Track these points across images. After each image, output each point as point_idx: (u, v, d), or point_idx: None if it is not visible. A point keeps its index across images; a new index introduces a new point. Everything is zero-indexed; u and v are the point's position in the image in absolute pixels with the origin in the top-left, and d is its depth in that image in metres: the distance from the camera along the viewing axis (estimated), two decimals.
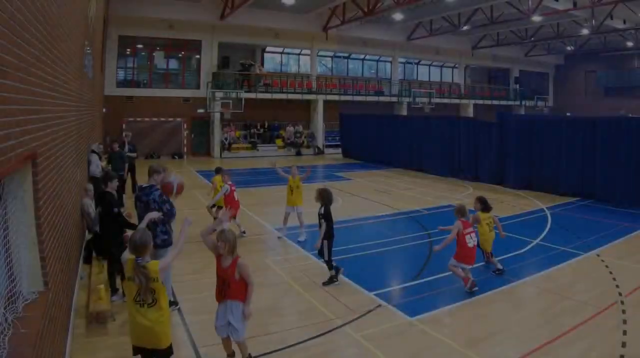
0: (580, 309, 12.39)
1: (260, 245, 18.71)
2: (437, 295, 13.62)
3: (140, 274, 7.80)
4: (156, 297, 7.94)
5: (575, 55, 79.19)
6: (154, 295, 7.92)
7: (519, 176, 32.09)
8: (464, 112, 70.21)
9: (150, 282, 7.82)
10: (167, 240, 12.04)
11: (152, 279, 7.83)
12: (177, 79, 53.83)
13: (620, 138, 26.52)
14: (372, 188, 31.96)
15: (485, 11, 51.33)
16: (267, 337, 10.81)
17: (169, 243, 11.98)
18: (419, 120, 43.28)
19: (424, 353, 10.30)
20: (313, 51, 60.71)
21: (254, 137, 55.99)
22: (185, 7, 47.42)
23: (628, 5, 45.39)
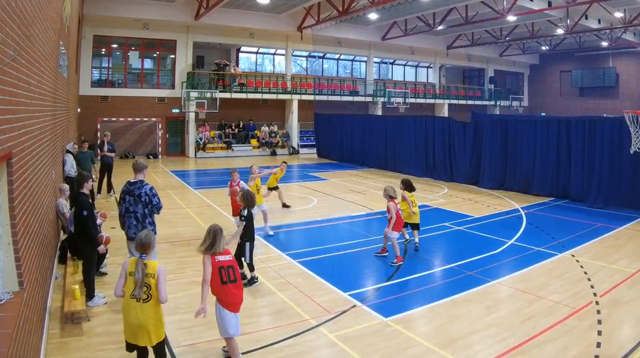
0: (555, 309, 12.46)
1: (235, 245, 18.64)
2: (411, 295, 13.65)
3: (140, 269, 8.50)
4: (151, 293, 8.54)
5: (550, 55, 79.76)
6: (149, 290, 8.54)
7: (493, 176, 32.29)
8: (439, 112, 70.53)
9: (146, 277, 8.50)
10: (154, 230, 12.94)
11: (148, 275, 8.54)
12: (152, 78, 53.72)
13: (595, 138, 26.65)
14: (347, 188, 32.00)
15: (460, 11, 51.42)
16: (242, 338, 10.68)
17: (154, 233, 12.46)
18: (393, 120, 43.12)
19: (398, 353, 10.30)
20: (288, 51, 60.83)
21: (229, 137, 55.84)
22: (160, 7, 47.36)
23: (603, 5, 45.58)
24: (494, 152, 32.21)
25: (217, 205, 25.77)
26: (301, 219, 22.88)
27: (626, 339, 10.84)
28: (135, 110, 50.36)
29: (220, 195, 28.30)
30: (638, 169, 24.80)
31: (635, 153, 17.32)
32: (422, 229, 19.87)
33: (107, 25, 47.41)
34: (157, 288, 8.57)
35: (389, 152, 42.27)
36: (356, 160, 46.84)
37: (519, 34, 62.97)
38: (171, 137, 53.36)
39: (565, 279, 14.78)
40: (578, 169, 27.58)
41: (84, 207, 12.62)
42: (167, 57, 53.60)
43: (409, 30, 59.41)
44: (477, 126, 33.97)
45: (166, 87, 53.06)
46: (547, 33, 61.54)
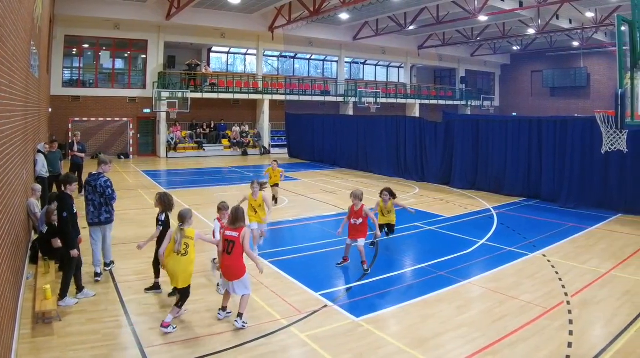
0: (527, 309, 12.51)
1: (207, 245, 18.35)
2: (383, 295, 13.63)
3: (179, 233, 11.50)
4: (188, 250, 11.53)
5: (522, 55, 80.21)
6: (187, 248, 11.54)
7: (465, 176, 32.41)
8: (410, 112, 70.73)
9: (185, 238, 11.52)
10: (110, 218, 14.86)
11: (187, 237, 11.58)
12: (123, 78, 53.38)
13: (566, 138, 26.79)
14: (318, 188, 32.02)
15: (432, 11, 51.43)
16: (213, 337, 10.79)
17: (111, 220, 14.92)
18: (365, 120, 43.19)
19: (370, 353, 10.30)
20: (259, 51, 60.93)
21: (200, 137, 55.76)
22: (131, 7, 47.14)
23: (574, 5, 46.09)
24: (465, 152, 32.35)
25: (188, 205, 25.26)
26: (273, 219, 22.59)
27: (597, 339, 10.91)
28: (106, 110, 50.13)
29: (192, 195, 28.79)
30: (609, 169, 25.00)
31: (606, 153, 17.44)
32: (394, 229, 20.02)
33: (78, 25, 47.14)
34: (194, 246, 11.68)
35: (360, 152, 42.33)
36: (327, 160, 46.90)
37: (490, 34, 63.23)
38: (142, 137, 53.21)
39: (537, 279, 14.85)
40: (549, 169, 27.73)
41: (65, 208, 12.80)
42: (139, 57, 53.46)
43: (380, 30, 59.52)
44: (448, 126, 34.09)
45: (137, 87, 52.87)
46: (519, 33, 61.99)
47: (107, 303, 12.69)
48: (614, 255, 17.24)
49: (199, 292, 13.43)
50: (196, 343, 10.47)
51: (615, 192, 24.94)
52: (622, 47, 10.21)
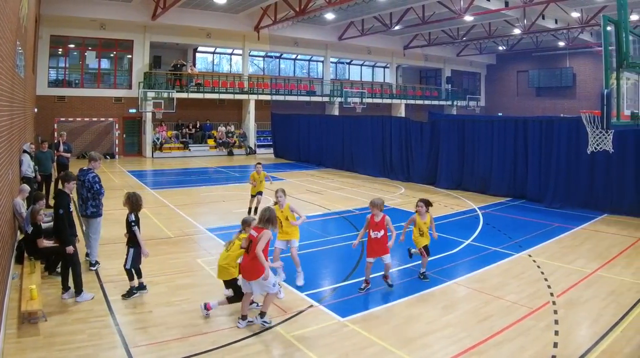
0: (512, 309, 12.55)
1: (192, 244, 18.60)
2: (368, 295, 13.64)
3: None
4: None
5: (507, 55, 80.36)
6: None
7: (450, 176, 32.43)
8: (395, 112, 70.82)
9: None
10: (96, 212, 15.40)
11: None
12: (109, 78, 53.32)
13: (552, 138, 26.87)
14: (304, 188, 32.02)
15: (417, 11, 51.54)
16: (198, 338, 10.78)
17: (97, 214, 15.41)
18: (350, 120, 43.22)
19: (355, 353, 10.31)
20: (245, 51, 60.93)
21: (186, 137, 55.69)
22: (116, 6, 47.06)
23: (559, 5, 46.24)
24: (451, 152, 32.37)
25: (173, 205, 25.65)
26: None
27: (583, 339, 10.95)
28: (92, 110, 50.07)
29: (178, 195, 28.80)
30: (595, 169, 25.12)
31: (592, 153, 17.45)
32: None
33: (64, 25, 47.07)
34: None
35: (345, 152, 42.37)
36: (313, 160, 46.92)
37: (476, 34, 63.45)
38: (128, 137, 53.25)
39: (522, 279, 14.90)
40: (535, 169, 27.80)
41: (60, 205, 12.96)
42: (124, 57, 53.32)
43: (366, 30, 59.55)
44: (434, 126, 34.13)
45: (123, 87, 52.80)
46: (504, 33, 62.18)
47: (92, 303, 12.65)
48: (599, 255, 17.30)
49: (184, 292, 13.48)
50: (182, 343, 10.46)
51: (601, 192, 25.02)
52: (607, 47, 10.24)
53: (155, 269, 15.17)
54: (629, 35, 10.40)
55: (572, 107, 68.17)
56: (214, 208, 25.49)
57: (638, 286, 14.08)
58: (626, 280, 14.77)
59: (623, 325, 11.47)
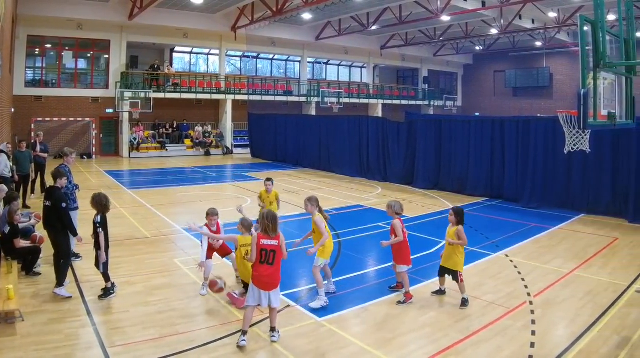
0: (490, 309, 12.60)
1: (169, 244, 18.61)
2: (345, 295, 13.65)
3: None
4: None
5: (484, 55, 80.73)
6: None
7: (427, 176, 32.48)
8: (372, 112, 70.97)
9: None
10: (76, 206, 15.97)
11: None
12: (86, 78, 53.19)
13: (528, 138, 26.97)
14: (280, 188, 31.24)
15: (394, 11, 51.75)
16: (176, 337, 10.76)
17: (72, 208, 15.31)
18: (327, 120, 43.31)
19: (332, 353, 10.32)
20: (222, 51, 60.91)
21: (163, 137, 55.74)
22: (93, 7, 46.87)
23: (536, 5, 46.50)
24: (427, 152, 32.43)
25: (150, 206, 25.64)
26: (235, 219, 22.58)
27: (560, 339, 10.98)
28: (69, 110, 49.92)
29: (155, 195, 28.82)
30: (572, 169, 25.26)
31: (569, 153, 17.49)
32: (357, 229, 20.56)
33: (41, 25, 46.88)
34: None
35: (322, 152, 42.44)
36: (290, 160, 46.96)
37: (453, 34, 63.77)
38: (105, 137, 53.01)
39: (499, 279, 14.99)
40: (512, 169, 27.91)
41: (61, 200, 13.34)
42: (101, 57, 53.17)
43: (343, 30, 59.75)
44: (411, 126, 34.21)
45: (100, 87, 52.60)
46: (481, 33, 62.62)
47: (69, 303, 12.60)
48: (576, 255, 17.42)
49: (161, 292, 13.48)
50: (159, 343, 10.44)
51: (578, 192, 25.14)
52: (584, 47, 10.27)
53: (132, 269, 15.18)
54: (605, 35, 10.44)
55: (549, 107, 68.73)
56: (190, 209, 25.44)
57: (615, 286, 14.18)
58: (603, 280, 14.86)
59: (600, 325, 11.55)
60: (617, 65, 11.27)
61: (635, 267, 16.28)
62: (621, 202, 23.81)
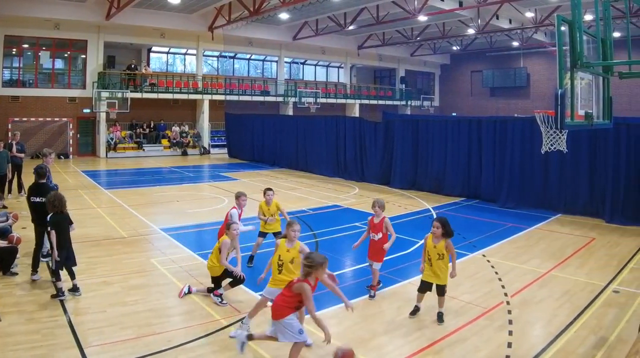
0: (466, 309, 12.64)
1: (146, 245, 18.52)
2: (322, 295, 13.16)
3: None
4: None
5: (461, 55, 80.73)
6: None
7: (404, 176, 32.47)
8: (350, 112, 71.18)
9: None
10: None
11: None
12: (63, 78, 52.86)
13: (505, 138, 27.06)
14: (258, 188, 31.43)
15: (371, 11, 51.77)
16: (152, 338, 10.74)
17: None
18: (304, 120, 43.39)
19: (309, 353, 10.42)
20: (199, 51, 60.74)
21: (140, 137, 55.53)
22: (70, 6, 46.54)
23: (514, 5, 46.62)
24: (405, 152, 32.47)
25: (128, 206, 25.51)
26: (212, 219, 22.79)
27: (537, 339, 11.05)
28: (46, 110, 49.65)
29: (132, 195, 28.71)
30: (549, 169, 25.35)
31: (546, 153, 17.51)
32: (334, 229, 20.69)
33: (18, 25, 46.54)
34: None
35: (299, 152, 42.45)
36: (267, 160, 47.02)
37: (430, 34, 63.80)
38: (82, 137, 52.78)
39: (476, 279, 15.03)
40: (489, 169, 28.00)
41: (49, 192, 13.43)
42: (78, 57, 52.88)
43: (320, 30, 59.73)
44: (388, 126, 34.18)
45: (77, 87, 52.30)
46: (458, 33, 62.58)
47: (46, 303, 12.56)
48: (553, 255, 17.50)
49: (138, 292, 13.46)
50: (136, 343, 10.41)
51: (555, 192, 25.24)
52: (561, 47, 10.27)
53: (109, 269, 15.12)
54: (582, 35, 10.47)
55: (526, 107, 68.76)
56: (167, 209, 25.45)
57: (592, 286, 14.28)
58: (580, 280, 14.96)
59: (577, 325, 11.63)
60: (594, 65, 11.32)
61: (612, 267, 16.43)
62: (598, 202, 23.97)
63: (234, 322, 11.72)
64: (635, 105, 57.44)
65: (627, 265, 16.64)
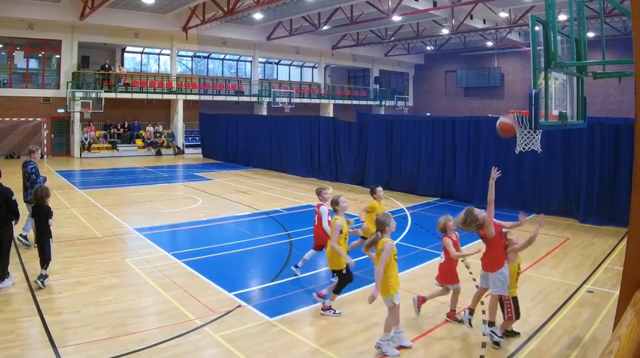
0: (441, 309, 12.59)
1: (121, 244, 18.39)
2: (297, 295, 13.67)
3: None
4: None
5: (435, 55, 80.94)
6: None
7: (378, 176, 32.21)
8: (324, 112, 71.18)
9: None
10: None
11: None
12: (37, 78, 52.58)
13: (480, 138, 27.15)
14: (232, 188, 31.97)
15: (345, 11, 51.88)
16: (126, 338, 10.66)
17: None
18: (278, 120, 43.40)
19: (283, 353, 10.32)
20: (173, 51, 60.65)
21: (114, 137, 55.32)
22: (44, 7, 46.28)
23: (488, 5, 46.77)
24: (379, 152, 32.51)
25: (102, 205, 25.38)
26: (186, 219, 22.85)
27: (511, 339, 11.05)
28: (20, 110, 49.32)
29: (106, 195, 28.61)
30: (523, 169, 25.43)
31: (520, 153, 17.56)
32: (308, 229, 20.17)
33: None
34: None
35: (274, 152, 42.49)
36: (241, 160, 47.02)
37: (404, 34, 64.04)
38: (56, 137, 52.50)
39: None
40: (463, 169, 28.06)
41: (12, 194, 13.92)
42: (52, 57, 52.64)
43: (294, 31, 59.83)
44: (362, 126, 34.30)
45: (51, 87, 52.02)
46: (432, 33, 62.93)
47: (21, 302, 12.50)
48: (527, 255, 17.10)
49: (113, 292, 13.38)
50: (111, 342, 10.34)
51: (529, 192, 25.30)
52: (536, 47, 10.33)
53: (83, 269, 15.04)
54: (557, 35, 10.52)
55: (500, 107, 68.91)
56: (142, 209, 25.37)
57: (566, 286, 14.37)
58: (554, 280, 15.07)
59: (551, 325, 11.71)
60: (568, 65, 11.39)
61: (586, 267, 16.56)
62: (572, 202, 24.15)
63: (209, 322, 11.68)
64: (609, 105, 58.01)
65: (601, 265, 16.76)
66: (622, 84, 57.99)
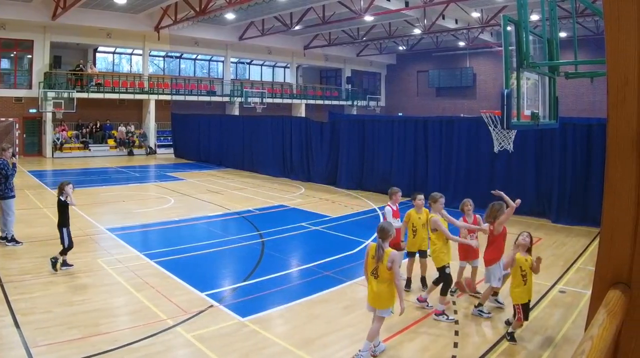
0: (413, 309, 12.66)
1: (92, 245, 18.36)
2: (269, 295, 13.65)
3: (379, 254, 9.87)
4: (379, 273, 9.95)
5: (407, 55, 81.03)
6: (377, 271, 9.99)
7: (351, 176, 32.60)
8: (296, 112, 71.52)
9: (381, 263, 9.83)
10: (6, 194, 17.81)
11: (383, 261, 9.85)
12: (9, 78, 52.24)
13: (452, 138, 27.26)
14: (204, 188, 31.99)
15: (317, 11, 51.89)
16: (98, 338, 10.60)
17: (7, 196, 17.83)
18: (250, 120, 43.41)
19: (255, 353, 10.31)
20: (145, 51, 60.62)
21: (86, 137, 55.17)
22: (16, 6, 45.96)
23: (460, 5, 46.97)
24: (351, 152, 32.63)
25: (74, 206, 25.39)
26: (158, 219, 22.85)
27: (483, 339, 11.20)
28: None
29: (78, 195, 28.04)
30: (495, 169, 25.52)
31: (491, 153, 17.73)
32: (280, 229, 20.64)
33: None
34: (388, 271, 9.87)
35: (246, 152, 42.53)
36: (213, 160, 47.07)
37: (376, 34, 64.16)
38: (28, 137, 52.26)
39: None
40: (435, 168, 28.12)
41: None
42: (24, 57, 52.33)
43: (266, 31, 59.75)
44: (334, 126, 34.44)
45: (23, 87, 51.76)
46: (404, 33, 63.04)
47: None
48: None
49: (85, 292, 13.38)
50: (83, 342, 10.30)
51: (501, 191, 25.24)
52: (508, 47, 10.38)
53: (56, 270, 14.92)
54: (529, 35, 10.57)
55: (472, 107, 69.17)
56: (114, 209, 25.34)
57: (538, 286, 14.26)
58: None
59: (523, 325, 11.60)
60: (541, 65, 11.45)
61: (558, 267, 16.75)
62: (544, 202, 24.33)
63: (181, 322, 11.68)
64: (581, 105, 58.20)
65: (573, 265, 16.96)
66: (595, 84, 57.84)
